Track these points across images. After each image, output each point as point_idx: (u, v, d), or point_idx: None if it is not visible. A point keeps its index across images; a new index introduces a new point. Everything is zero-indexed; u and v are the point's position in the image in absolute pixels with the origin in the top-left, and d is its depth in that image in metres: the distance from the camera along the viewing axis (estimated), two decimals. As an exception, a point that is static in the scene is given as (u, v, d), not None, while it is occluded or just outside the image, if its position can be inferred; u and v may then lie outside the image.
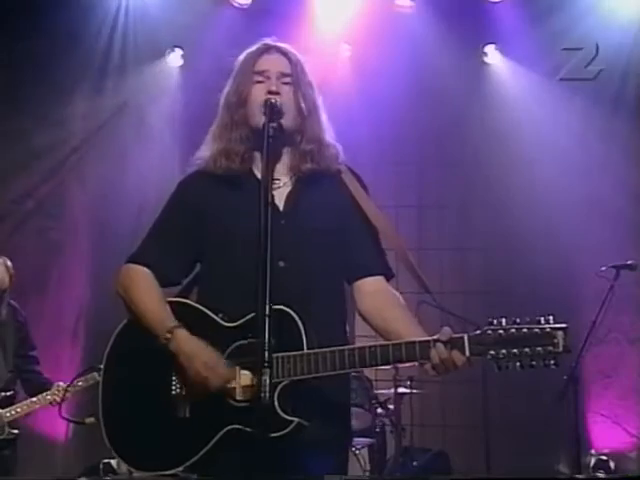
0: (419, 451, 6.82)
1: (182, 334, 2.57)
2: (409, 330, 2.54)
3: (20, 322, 5.60)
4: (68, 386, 5.19)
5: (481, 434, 7.08)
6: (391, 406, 6.56)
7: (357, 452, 6.02)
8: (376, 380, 7.08)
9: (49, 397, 5.30)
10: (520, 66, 7.74)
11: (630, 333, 7.26)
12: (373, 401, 6.40)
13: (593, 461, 6.84)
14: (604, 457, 6.86)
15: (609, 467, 6.79)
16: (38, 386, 5.42)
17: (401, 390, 6.50)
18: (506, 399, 7.22)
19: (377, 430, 6.38)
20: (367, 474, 6.07)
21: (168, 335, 2.56)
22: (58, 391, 5.30)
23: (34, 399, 5.33)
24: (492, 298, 6.95)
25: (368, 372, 6.78)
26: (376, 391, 6.67)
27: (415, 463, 6.43)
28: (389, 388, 6.62)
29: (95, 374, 5.04)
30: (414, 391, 6.59)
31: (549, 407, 6.01)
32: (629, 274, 6.11)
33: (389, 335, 2.58)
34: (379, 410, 6.48)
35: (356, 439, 5.95)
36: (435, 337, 2.42)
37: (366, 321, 2.75)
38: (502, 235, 7.57)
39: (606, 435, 7.09)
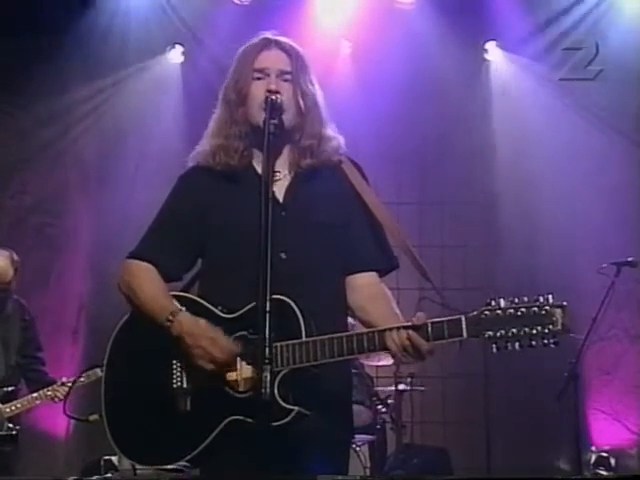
0: (419, 448, 6.82)
1: (184, 316, 2.58)
2: (386, 322, 2.53)
3: (27, 321, 5.56)
4: (74, 382, 5.17)
5: (482, 431, 7.09)
6: (391, 401, 6.56)
7: (357, 449, 6.01)
8: (377, 377, 7.09)
9: (49, 393, 5.29)
10: (521, 63, 7.74)
11: (631, 330, 7.26)
12: (374, 398, 6.40)
13: (593, 458, 6.83)
14: (604, 454, 6.86)
15: (609, 464, 6.79)
16: (43, 386, 5.39)
17: (402, 387, 6.50)
18: (506, 396, 7.22)
19: (378, 427, 6.38)
20: (367, 471, 6.06)
21: (171, 318, 2.57)
22: (59, 387, 5.29)
23: (34, 395, 5.32)
24: (492, 295, 6.94)
25: (369, 369, 6.79)
26: (377, 388, 6.68)
27: (415, 460, 6.43)
28: (390, 385, 6.62)
29: (97, 370, 5.03)
30: (415, 388, 6.59)
31: (550, 404, 6.01)
32: (630, 271, 6.11)
33: (370, 327, 2.58)
34: (380, 407, 6.49)
35: (357, 436, 5.94)
36: (409, 323, 2.42)
37: (352, 314, 2.78)
38: (503, 232, 7.57)
39: (607, 432, 7.08)
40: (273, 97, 2.62)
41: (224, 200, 2.74)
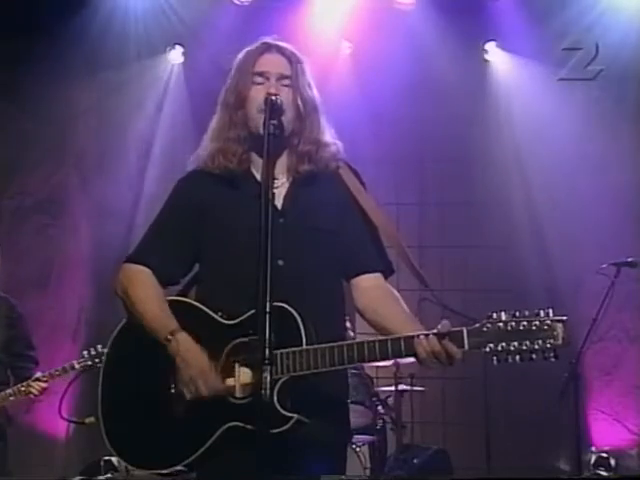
0: (420, 448, 6.81)
1: (183, 337, 2.56)
2: (405, 325, 2.54)
3: (14, 318, 5.41)
4: (51, 376, 5.10)
5: (482, 431, 7.08)
6: (391, 401, 6.56)
7: (357, 449, 6.01)
8: (377, 377, 7.09)
9: (23, 388, 5.10)
10: (521, 63, 7.74)
11: (630, 330, 7.26)
12: (374, 398, 6.40)
13: (594, 458, 6.83)
14: (605, 454, 6.85)
15: (610, 464, 6.78)
16: None
17: (402, 387, 6.50)
18: (507, 396, 7.22)
19: (378, 427, 6.38)
20: (367, 472, 6.06)
21: (169, 337, 2.56)
22: (33, 382, 5.12)
23: (8, 391, 5.13)
24: (492, 296, 6.95)
25: (369, 369, 6.79)
26: (377, 388, 6.68)
27: (415, 461, 6.42)
28: (390, 385, 6.62)
29: (75, 364, 5.07)
30: (415, 388, 6.59)
31: (550, 404, 6.01)
32: (630, 271, 6.11)
33: (385, 331, 2.58)
34: (380, 407, 6.48)
35: (357, 436, 5.94)
36: (434, 330, 2.41)
37: (363, 317, 2.76)
38: (502, 233, 7.57)
39: (607, 432, 7.08)
40: (273, 97, 2.62)
41: (222, 204, 2.73)
